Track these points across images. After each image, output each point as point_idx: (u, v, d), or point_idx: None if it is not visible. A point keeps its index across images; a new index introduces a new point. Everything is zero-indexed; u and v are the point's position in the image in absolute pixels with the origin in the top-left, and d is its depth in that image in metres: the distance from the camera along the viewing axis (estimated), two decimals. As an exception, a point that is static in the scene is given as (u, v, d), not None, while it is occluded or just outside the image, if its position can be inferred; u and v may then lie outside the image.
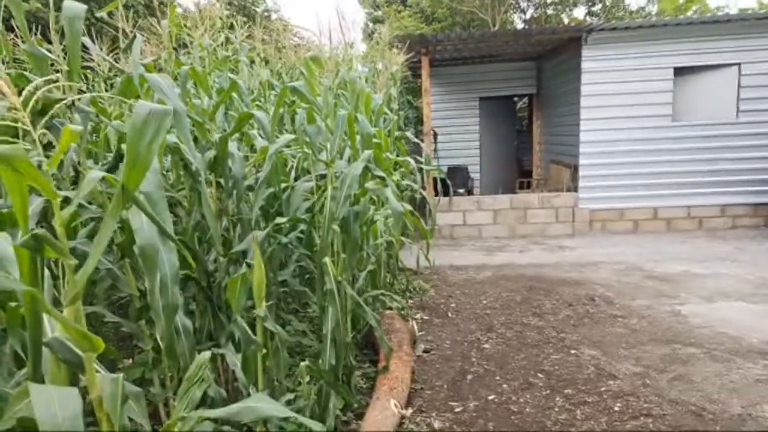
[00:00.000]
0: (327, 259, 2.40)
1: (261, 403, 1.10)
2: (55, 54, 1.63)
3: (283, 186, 2.69)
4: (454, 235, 7.18)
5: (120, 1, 1.80)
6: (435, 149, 8.64)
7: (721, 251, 5.80)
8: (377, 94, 3.93)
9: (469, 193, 8.99)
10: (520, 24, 18.32)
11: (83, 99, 1.57)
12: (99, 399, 1.04)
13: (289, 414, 1.05)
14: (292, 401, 2.19)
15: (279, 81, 3.89)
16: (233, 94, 2.41)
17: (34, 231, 0.84)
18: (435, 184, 6.54)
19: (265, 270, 1.83)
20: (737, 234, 6.65)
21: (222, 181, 2.22)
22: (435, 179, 6.10)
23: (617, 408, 2.53)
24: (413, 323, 3.65)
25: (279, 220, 2.41)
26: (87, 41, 1.95)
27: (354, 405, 2.52)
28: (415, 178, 4.08)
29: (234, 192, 2.23)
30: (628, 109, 6.83)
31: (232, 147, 2.19)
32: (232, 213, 2.32)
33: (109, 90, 2.39)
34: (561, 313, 3.98)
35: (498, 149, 9.74)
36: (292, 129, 3.37)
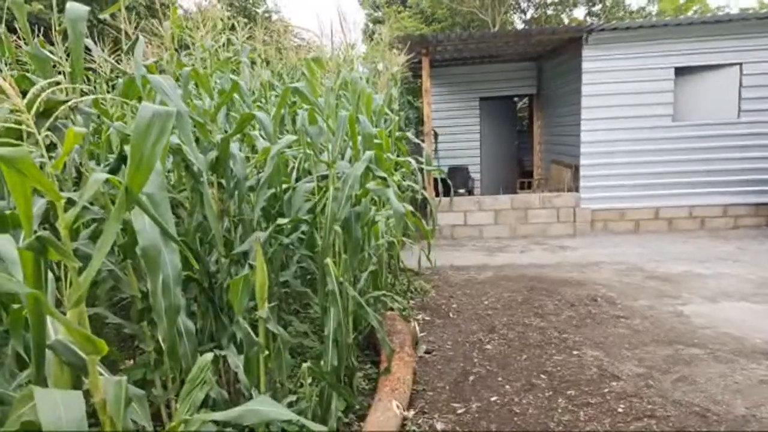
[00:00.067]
0: (329, 260, 2.40)
1: (264, 406, 1.10)
2: (58, 55, 1.63)
3: (285, 187, 2.69)
4: (454, 236, 7.17)
5: (122, 3, 1.80)
6: (435, 149, 8.64)
7: (723, 251, 5.79)
8: (378, 94, 3.93)
9: (470, 194, 8.98)
10: (520, 24, 18.33)
11: (86, 101, 1.57)
12: (102, 402, 1.04)
13: (293, 417, 1.05)
14: (294, 403, 2.18)
15: (280, 82, 3.89)
16: (234, 95, 2.41)
17: (37, 233, 0.84)
18: (436, 184, 6.54)
19: (267, 271, 1.82)
20: (739, 234, 6.64)
21: (224, 182, 2.21)
22: (436, 179, 6.10)
23: (621, 409, 2.52)
24: (415, 324, 3.65)
25: (281, 220, 2.41)
26: (89, 43, 1.95)
27: (356, 406, 2.51)
28: (416, 178, 4.08)
29: (236, 193, 2.23)
30: (629, 109, 6.82)
31: (233, 148, 2.19)
32: (233, 214, 2.31)
33: (111, 91, 2.39)
34: (563, 314, 3.97)
35: (498, 149, 9.74)
36: (293, 130, 3.37)
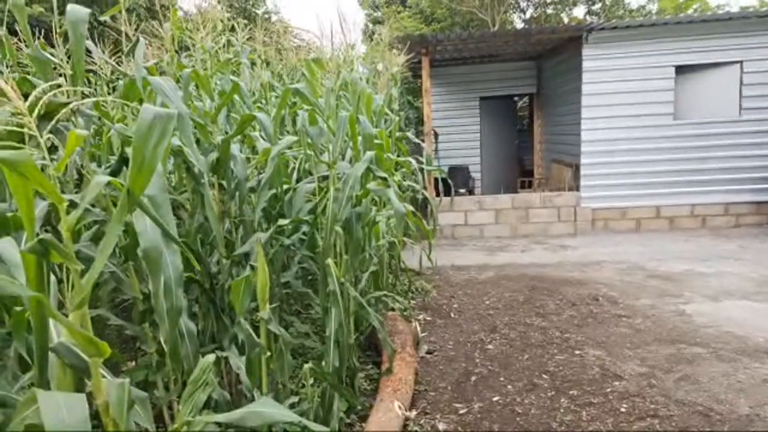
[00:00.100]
0: (330, 261, 2.40)
1: (267, 408, 1.09)
2: (59, 57, 1.63)
3: (286, 188, 2.69)
4: (455, 235, 7.17)
5: (123, 5, 1.80)
6: (436, 149, 8.64)
7: (725, 250, 5.78)
8: (378, 95, 3.93)
9: (470, 193, 8.97)
10: (519, 24, 18.33)
11: (87, 103, 1.57)
12: (105, 404, 1.04)
13: (295, 419, 1.05)
14: (296, 404, 2.18)
15: (280, 83, 3.89)
16: (235, 96, 2.41)
17: (40, 236, 0.84)
18: (436, 184, 6.54)
19: (269, 272, 1.82)
20: (740, 232, 6.63)
21: (224, 183, 2.21)
22: (436, 179, 6.09)
23: (623, 409, 2.52)
24: (416, 324, 3.64)
25: (282, 221, 2.41)
26: (90, 44, 1.95)
27: (358, 407, 2.51)
28: (417, 178, 4.08)
29: (236, 194, 2.23)
30: (629, 108, 6.82)
31: (234, 149, 2.19)
32: (234, 215, 2.31)
33: (112, 93, 2.39)
34: (564, 313, 3.96)
35: (499, 149, 9.73)
36: (293, 131, 3.37)
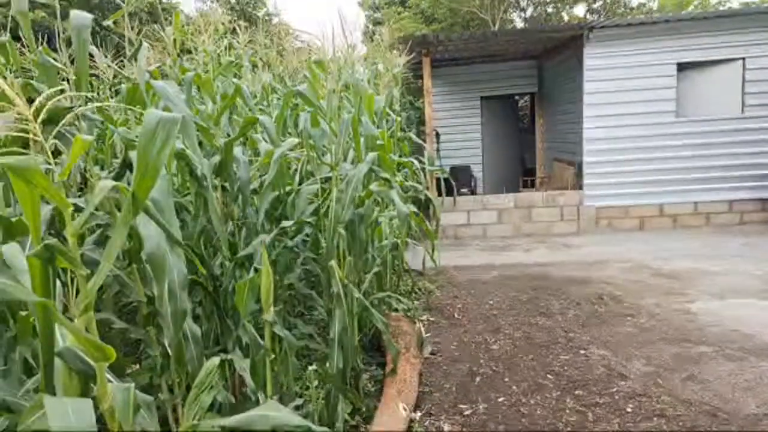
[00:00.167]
0: (333, 262, 2.39)
1: (273, 411, 1.09)
2: (62, 62, 1.63)
3: (288, 189, 2.69)
4: (458, 235, 7.16)
5: (126, 10, 1.80)
6: (437, 149, 8.63)
7: (729, 247, 5.75)
8: (380, 95, 3.93)
9: (473, 193, 8.96)
10: (519, 23, 18.32)
11: (91, 107, 1.57)
12: (111, 408, 1.04)
13: (303, 423, 1.04)
14: (300, 406, 2.18)
15: (281, 84, 3.89)
16: (237, 98, 2.41)
17: (46, 241, 0.84)
18: (438, 184, 6.53)
19: (272, 274, 1.82)
20: (745, 230, 6.59)
21: (227, 186, 2.21)
22: (438, 179, 6.09)
23: (630, 409, 2.51)
24: (420, 325, 3.64)
25: (285, 223, 2.40)
26: (92, 49, 1.96)
27: (362, 409, 2.50)
28: (419, 178, 4.07)
29: (239, 196, 2.23)
30: (631, 106, 6.79)
31: (237, 151, 2.19)
32: (237, 217, 2.31)
33: (114, 97, 2.39)
34: (569, 313, 3.95)
35: (501, 148, 9.71)
36: (295, 132, 3.37)
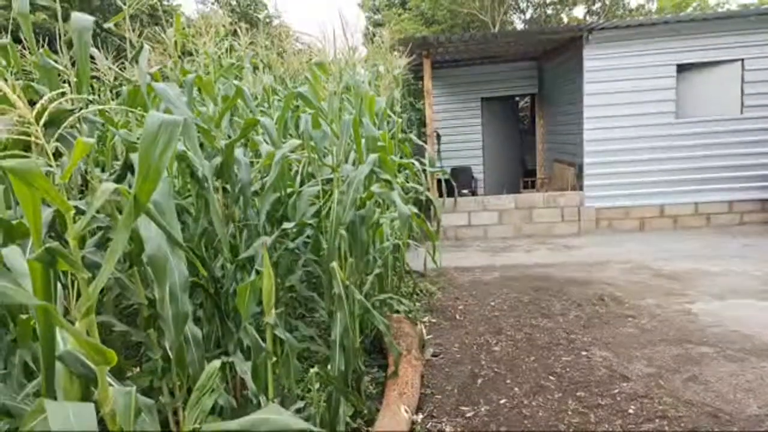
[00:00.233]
0: (334, 264, 2.39)
1: (275, 414, 1.08)
2: (63, 64, 1.63)
3: (289, 191, 2.68)
4: (459, 236, 7.15)
5: (127, 12, 1.80)
6: (438, 150, 8.63)
7: (730, 248, 5.75)
8: (380, 97, 3.93)
9: (473, 194, 8.96)
10: (519, 24, 18.36)
11: (92, 109, 1.57)
12: (112, 412, 1.03)
13: (305, 426, 1.04)
14: (302, 409, 2.17)
15: (282, 86, 3.89)
16: (238, 100, 2.41)
17: (47, 244, 0.83)
18: (439, 185, 6.53)
19: (273, 276, 1.81)
20: (745, 230, 6.59)
21: (228, 187, 2.21)
22: (439, 180, 6.08)
23: (631, 410, 2.50)
24: (421, 327, 3.63)
25: (286, 225, 2.40)
26: (94, 51, 1.95)
27: (364, 411, 2.49)
28: (420, 180, 4.07)
29: (240, 198, 2.22)
30: (631, 107, 6.80)
31: (238, 153, 2.19)
32: (238, 219, 2.31)
33: (115, 99, 2.39)
34: (570, 314, 3.94)
35: (501, 149, 9.72)
36: (296, 134, 3.36)
